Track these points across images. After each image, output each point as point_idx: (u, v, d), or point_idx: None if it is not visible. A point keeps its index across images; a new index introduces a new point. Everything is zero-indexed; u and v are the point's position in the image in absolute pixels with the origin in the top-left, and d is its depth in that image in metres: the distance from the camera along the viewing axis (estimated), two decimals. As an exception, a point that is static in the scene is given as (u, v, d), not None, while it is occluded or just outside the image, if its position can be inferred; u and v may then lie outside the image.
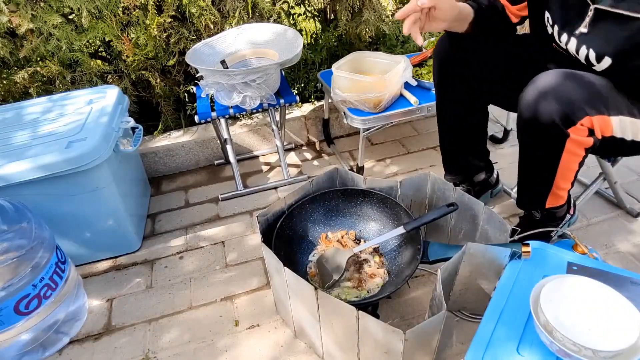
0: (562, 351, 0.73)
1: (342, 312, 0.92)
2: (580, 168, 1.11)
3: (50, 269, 1.15)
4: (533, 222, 1.26)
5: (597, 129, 1.00)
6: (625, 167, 1.73)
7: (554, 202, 1.19)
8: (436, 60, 1.31)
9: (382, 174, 1.85)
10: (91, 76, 1.81)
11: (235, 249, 1.52)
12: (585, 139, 1.01)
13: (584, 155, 1.06)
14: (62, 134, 1.33)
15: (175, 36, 1.80)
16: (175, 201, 1.80)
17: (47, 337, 1.18)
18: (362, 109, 1.57)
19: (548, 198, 1.18)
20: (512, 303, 0.87)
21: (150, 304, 1.34)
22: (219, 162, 2.01)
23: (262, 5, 1.83)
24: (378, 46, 2.25)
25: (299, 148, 2.09)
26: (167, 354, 1.18)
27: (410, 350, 0.88)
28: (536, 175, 1.16)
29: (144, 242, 1.58)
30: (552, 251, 0.98)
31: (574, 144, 1.02)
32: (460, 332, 1.16)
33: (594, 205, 1.55)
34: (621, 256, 1.35)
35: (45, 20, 1.63)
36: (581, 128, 0.99)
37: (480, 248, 0.99)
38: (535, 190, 1.19)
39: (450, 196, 1.23)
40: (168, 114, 1.99)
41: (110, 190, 1.38)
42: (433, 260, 1.07)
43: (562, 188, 1.15)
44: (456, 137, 1.42)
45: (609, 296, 0.80)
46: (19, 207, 1.14)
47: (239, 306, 1.30)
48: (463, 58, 1.24)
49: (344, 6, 1.95)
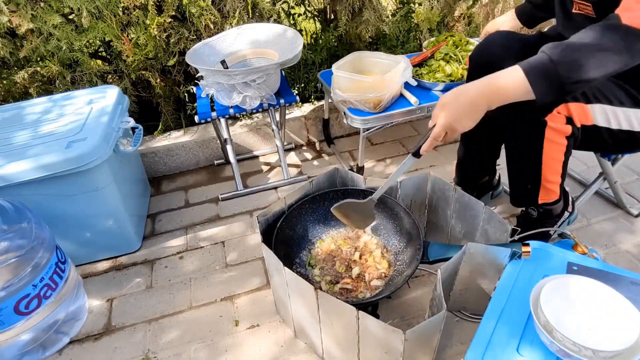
0: (562, 351, 0.73)
1: (342, 312, 0.92)
2: (566, 160, 1.12)
3: (50, 269, 1.15)
4: (530, 220, 1.27)
5: (575, 116, 1.03)
6: (626, 167, 1.73)
7: (546, 198, 1.20)
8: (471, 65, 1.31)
9: (382, 174, 1.85)
10: (91, 76, 1.81)
11: (235, 249, 1.52)
12: (563, 126, 1.03)
13: (567, 145, 1.08)
14: (62, 134, 1.33)
15: (175, 36, 1.80)
16: (175, 201, 1.80)
17: (47, 337, 1.18)
18: (362, 109, 1.57)
19: (539, 193, 1.19)
20: (512, 303, 0.87)
21: (150, 304, 1.34)
22: (219, 162, 2.01)
23: (262, 5, 1.83)
24: (378, 46, 2.25)
25: (299, 148, 2.09)
26: (167, 354, 1.18)
27: (410, 350, 0.88)
28: (523, 168, 1.17)
29: (144, 242, 1.58)
30: (552, 251, 0.98)
31: (553, 132, 1.04)
32: (460, 332, 1.16)
33: (594, 205, 1.55)
34: (621, 256, 1.35)
35: (45, 20, 1.63)
36: (558, 115, 1.01)
37: (480, 248, 0.99)
38: (525, 184, 1.20)
39: (450, 196, 1.23)
40: (168, 114, 1.99)
41: (110, 190, 1.38)
42: (433, 260, 1.07)
43: (551, 181, 1.16)
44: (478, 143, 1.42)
45: (609, 296, 0.80)
46: (19, 207, 1.14)
47: (239, 306, 1.30)
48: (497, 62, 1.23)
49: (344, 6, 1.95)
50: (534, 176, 1.15)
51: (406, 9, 2.20)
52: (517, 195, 1.26)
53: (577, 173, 1.69)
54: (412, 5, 2.22)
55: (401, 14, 2.19)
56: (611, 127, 1.07)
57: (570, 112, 1.02)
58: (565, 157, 1.11)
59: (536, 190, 1.19)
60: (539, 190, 1.18)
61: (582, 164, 1.75)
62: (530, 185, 1.19)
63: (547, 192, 1.19)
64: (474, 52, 1.27)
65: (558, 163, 1.12)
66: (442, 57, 1.74)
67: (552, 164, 1.12)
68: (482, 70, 1.22)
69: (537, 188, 1.18)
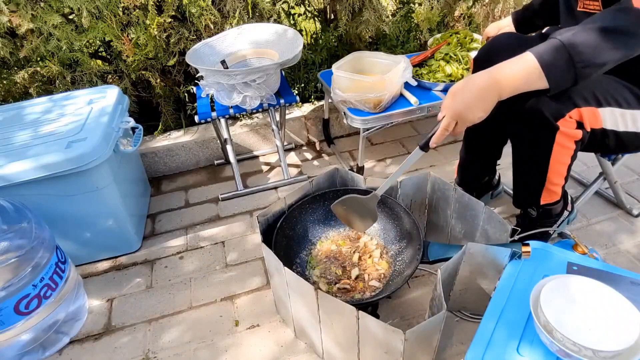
0: (562, 351, 0.73)
1: (342, 312, 0.92)
2: (571, 163, 1.11)
3: (50, 269, 1.15)
4: (530, 220, 1.27)
5: (586, 121, 1.01)
6: (626, 167, 1.73)
7: (548, 199, 1.20)
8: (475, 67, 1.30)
9: (382, 174, 1.85)
10: (91, 76, 1.81)
11: (235, 249, 1.52)
12: (574, 131, 1.02)
13: (575, 149, 1.07)
14: (62, 134, 1.33)
15: (175, 36, 1.80)
16: (175, 201, 1.79)
17: (47, 337, 1.18)
18: (362, 109, 1.57)
19: (542, 194, 1.18)
20: (512, 303, 0.87)
21: (150, 304, 1.34)
22: (219, 162, 2.01)
23: (262, 5, 1.83)
24: (378, 46, 2.25)
25: (299, 148, 2.08)
26: (167, 354, 1.18)
27: (410, 350, 0.88)
28: (529, 171, 1.16)
29: (144, 242, 1.58)
30: (553, 251, 0.98)
31: (564, 136, 1.03)
32: (460, 332, 1.16)
33: (594, 205, 1.55)
34: (621, 256, 1.35)
35: (45, 20, 1.63)
36: (570, 120, 1.00)
37: (480, 248, 0.99)
38: (530, 186, 1.19)
39: (450, 196, 1.23)
40: (168, 114, 1.99)
41: (110, 190, 1.38)
42: (433, 260, 1.07)
43: (555, 183, 1.15)
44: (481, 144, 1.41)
45: (609, 296, 0.79)
46: (19, 207, 1.14)
47: (239, 306, 1.30)
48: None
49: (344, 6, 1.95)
50: (539, 179, 1.15)
51: (406, 9, 2.20)
52: (520, 198, 1.26)
53: (577, 173, 1.69)
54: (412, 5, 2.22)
55: (401, 14, 2.19)
56: (618, 130, 1.06)
57: (581, 117, 1.01)
58: (571, 160, 1.11)
59: (539, 192, 1.18)
60: (542, 192, 1.18)
61: (582, 164, 1.75)
62: (535, 187, 1.18)
63: (550, 193, 1.18)
64: (479, 54, 1.26)
65: (564, 167, 1.12)
66: (442, 57, 1.74)
67: (558, 168, 1.11)
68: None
69: (541, 190, 1.17)
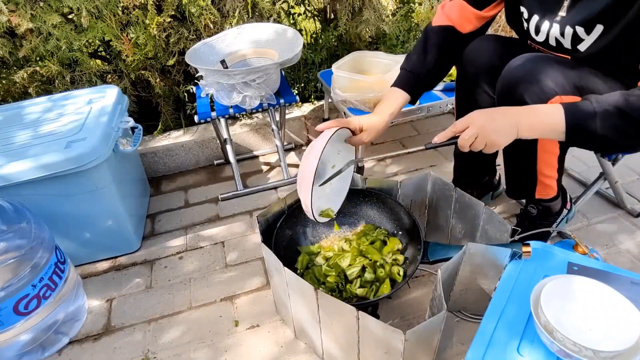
0: (563, 351, 0.73)
1: (342, 312, 0.91)
2: (562, 153, 1.12)
3: (50, 269, 1.15)
4: (530, 218, 1.27)
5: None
6: (626, 167, 1.73)
7: (543, 193, 1.21)
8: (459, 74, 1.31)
9: (382, 174, 1.85)
10: (91, 76, 1.81)
11: (235, 249, 1.52)
12: None
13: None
14: (61, 134, 1.33)
15: (175, 36, 1.80)
16: (175, 201, 1.79)
17: (46, 337, 1.18)
18: (362, 109, 1.57)
19: (537, 187, 1.19)
20: (513, 303, 0.87)
21: (150, 304, 1.34)
22: (219, 162, 2.01)
23: (262, 5, 1.83)
24: (378, 46, 2.25)
25: (299, 148, 2.08)
26: (167, 354, 1.18)
27: (411, 350, 0.88)
28: (518, 159, 1.17)
29: (143, 242, 1.58)
30: (553, 251, 0.98)
31: None
32: (460, 333, 1.16)
33: (595, 205, 1.55)
34: (622, 256, 1.35)
35: (44, 19, 1.63)
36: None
37: (481, 248, 0.99)
38: (521, 176, 1.20)
39: (451, 196, 1.23)
40: (168, 113, 1.99)
41: (109, 190, 1.37)
42: (433, 260, 1.07)
43: (547, 175, 1.16)
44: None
45: (609, 296, 0.79)
46: (19, 207, 1.14)
47: (239, 306, 1.30)
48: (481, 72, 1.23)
49: (344, 6, 1.95)
50: (528, 167, 1.16)
51: (406, 9, 2.20)
52: (513, 188, 1.27)
53: (577, 173, 1.69)
54: (412, 5, 2.22)
55: (401, 13, 2.19)
56: None
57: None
58: (560, 150, 1.12)
59: (533, 184, 1.19)
60: (536, 185, 1.19)
61: (582, 164, 1.75)
62: (526, 178, 1.19)
63: (544, 187, 1.19)
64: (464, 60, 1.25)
65: (553, 157, 1.13)
66: (442, 57, 1.74)
67: (547, 157, 1.12)
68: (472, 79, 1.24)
69: (534, 181, 1.18)
